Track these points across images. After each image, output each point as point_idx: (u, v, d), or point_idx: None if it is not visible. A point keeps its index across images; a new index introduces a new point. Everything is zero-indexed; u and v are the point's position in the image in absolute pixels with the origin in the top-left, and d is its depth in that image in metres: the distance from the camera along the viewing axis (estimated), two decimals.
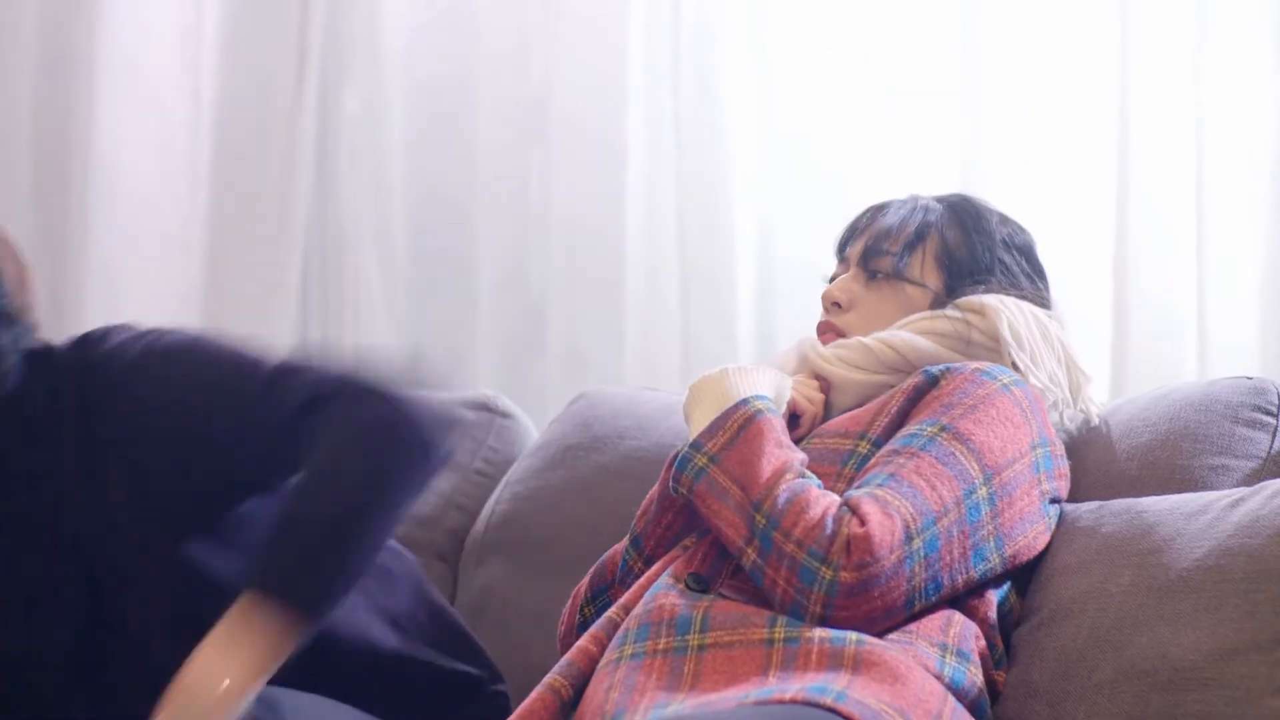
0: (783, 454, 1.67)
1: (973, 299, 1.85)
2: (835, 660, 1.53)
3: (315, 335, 3.02)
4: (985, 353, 1.82)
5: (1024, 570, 1.73)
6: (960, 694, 1.60)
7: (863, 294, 1.91)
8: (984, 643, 1.67)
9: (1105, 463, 1.87)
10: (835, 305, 1.91)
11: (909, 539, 1.58)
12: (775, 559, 1.60)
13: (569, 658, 1.65)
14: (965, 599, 1.67)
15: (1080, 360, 1.86)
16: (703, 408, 1.75)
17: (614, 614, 1.68)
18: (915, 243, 1.89)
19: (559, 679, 1.63)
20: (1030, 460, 1.71)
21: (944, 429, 1.67)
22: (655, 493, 1.82)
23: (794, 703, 1.47)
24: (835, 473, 1.71)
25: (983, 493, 1.65)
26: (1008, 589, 1.73)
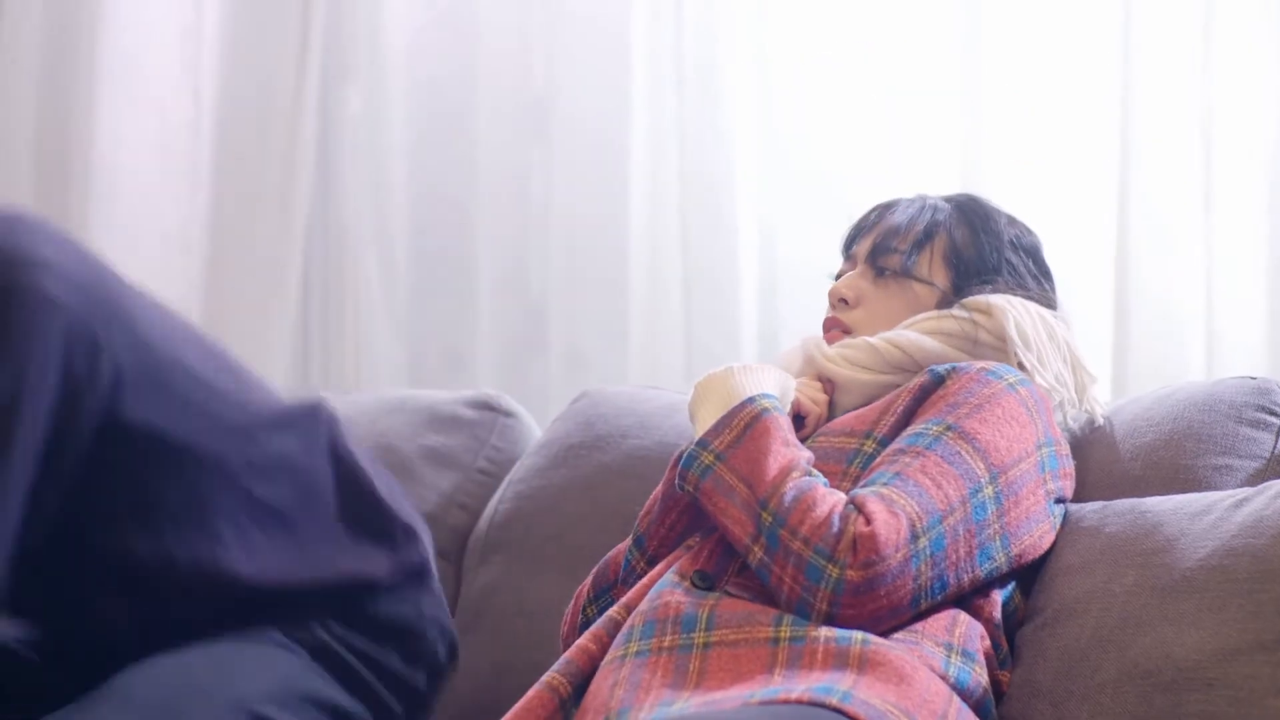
0: (789, 452, 1.67)
1: (979, 299, 1.85)
2: (841, 660, 1.53)
3: (315, 335, 3.02)
4: (992, 352, 1.82)
5: (1028, 570, 1.73)
6: (965, 694, 1.60)
7: (870, 291, 1.91)
8: (989, 642, 1.67)
9: (1109, 462, 1.86)
10: (842, 302, 1.91)
11: (915, 538, 1.58)
12: (782, 556, 1.59)
13: (568, 656, 1.65)
14: (970, 599, 1.67)
15: (1086, 361, 1.86)
16: (708, 406, 1.75)
17: (616, 613, 1.67)
18: (924, 241, 1.89)
19: (557, 677, 1.62)
20: (1036, 459, 1.71)
21: (950, 428, 1.67)
22: (659, 492, 1.82)
23: (799, 703, 1.47)
24: (841, 471, 1.71)
25: (988, 491, 1.65)
26: (1012, 589, 1.72)
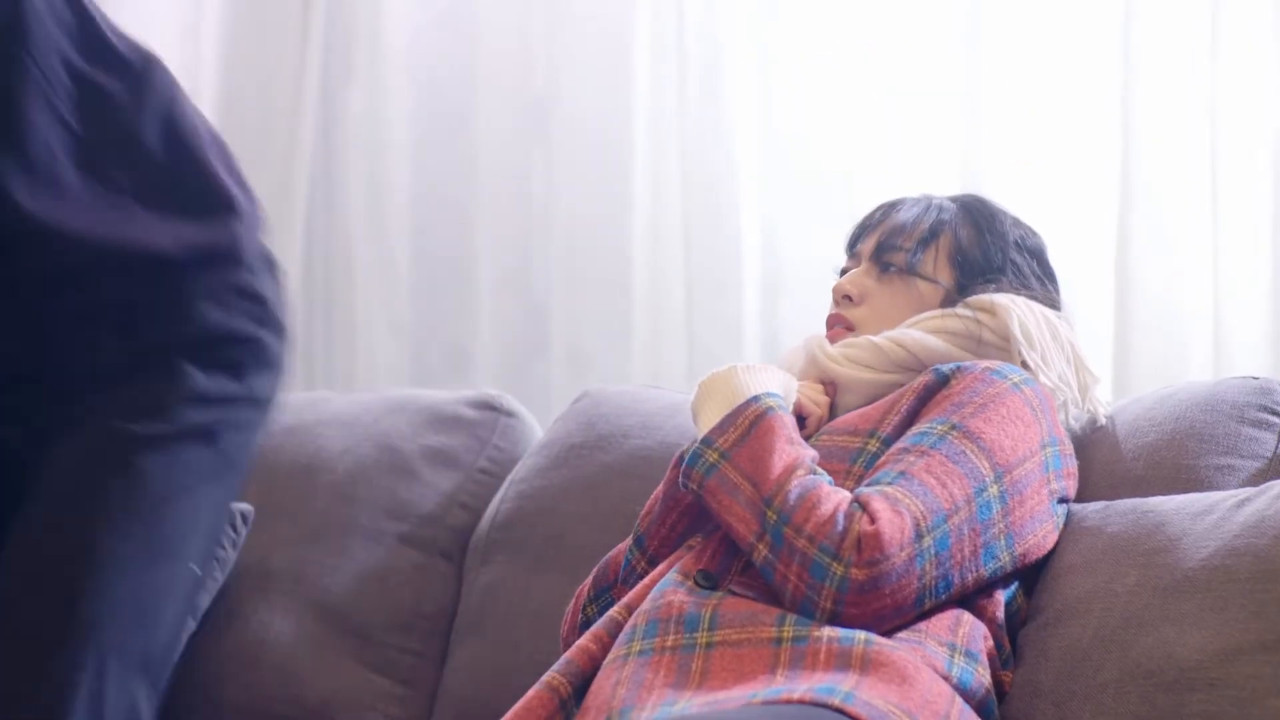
0: (794, 450, 1.67)
1: (983, 298, 1.85)
2: (843, 660, 1.53)
3: (315, 335, 3.02)
4: (996, 352, 1.82)
5: (1031, 570, 1.73)
6: (968, 695, 1.60)
7: (875, 288, 1.91)
8: (991, 643, 1.67)
9: (1111, 462, 1.86)
10: (846, 298, 1.91)
11: (919, 537, 1.58)
12: (786, 555, 1.59)
13: (568, 656, 1.65)
14: (974, 598, 1.67)
15: (1088, 361, 1.86)
16: (712, 405, 1.75)
17: (616, 613, 1.67)
18: (929, 239, 1.89)
19: (557, 677, 1.62)
20: (1040, 459, 1.71)
21: (954, 427, 1.67)
22: (660, 493, 1.82)
23: (802, 703, 1.47)
24: (845, 470, 1.71)
25: (993, 491, 1.65)
26: (1015, 589, 1.73)
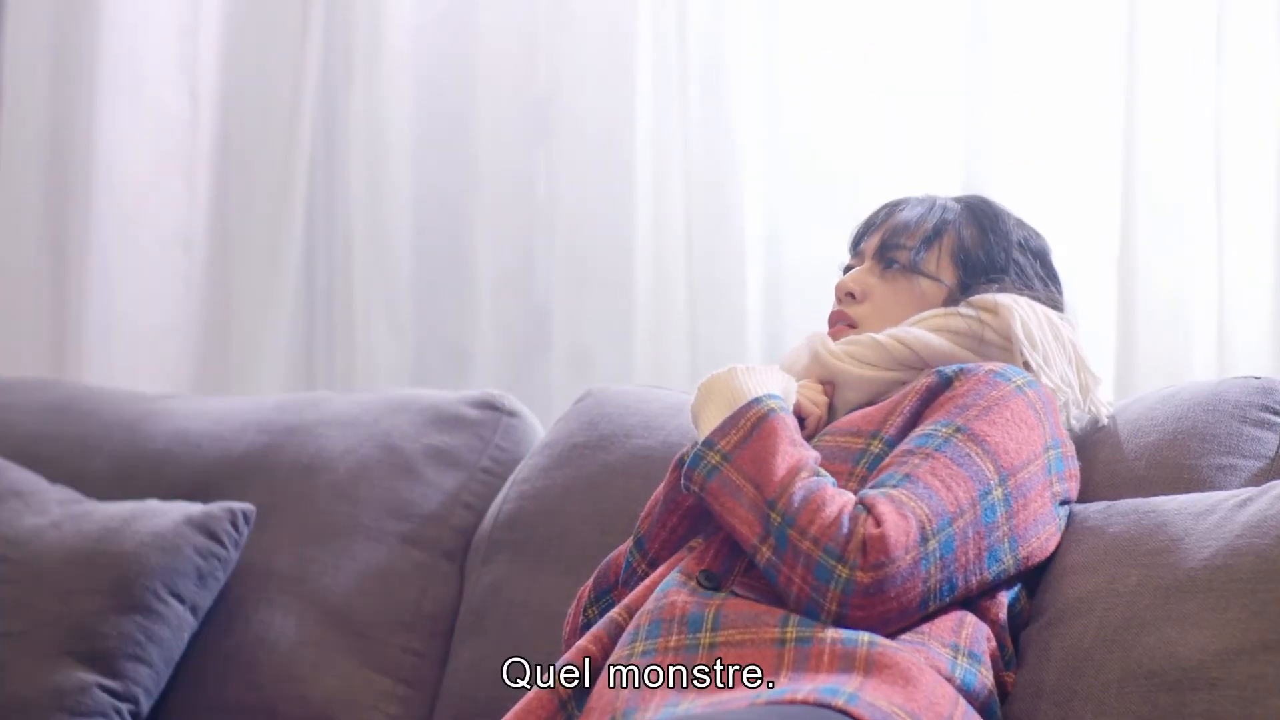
0: (797, 452, 1.67)
1: (986, 297, 1.84)
2: (847, 662, 1.53)
3: (316, 335, 3.01)
4: (998, 352, 1.82)
5: (1034, 571, 1.73)
6: (971, 696, 1.60)
7: (877, 286, 1.90)
8: (995, 644, 1.67)
9: (1113, 462, 1.86)
10: (849, 296, 1.91)
11: (924, 540, 1.58)
12: (791, 557, 1.59)
13: (568, 658, 1.65)
14: (977, 600, 1.67)
15: (1090, 362, 1.86)
16: (712, 407, 1.75)
17: (617, 614, 1.67)
18: (932, 238, 1.89)
19: None
20: (1044, 462, 1.71)
21: (959, 430, 1.67)
22: (660, 495, 1.81)
23: (805, 703, 1.47)
24: (848, 471, 1.71)
25: (998, 494, 1.65)
26: (1018, 590, 1.73)
